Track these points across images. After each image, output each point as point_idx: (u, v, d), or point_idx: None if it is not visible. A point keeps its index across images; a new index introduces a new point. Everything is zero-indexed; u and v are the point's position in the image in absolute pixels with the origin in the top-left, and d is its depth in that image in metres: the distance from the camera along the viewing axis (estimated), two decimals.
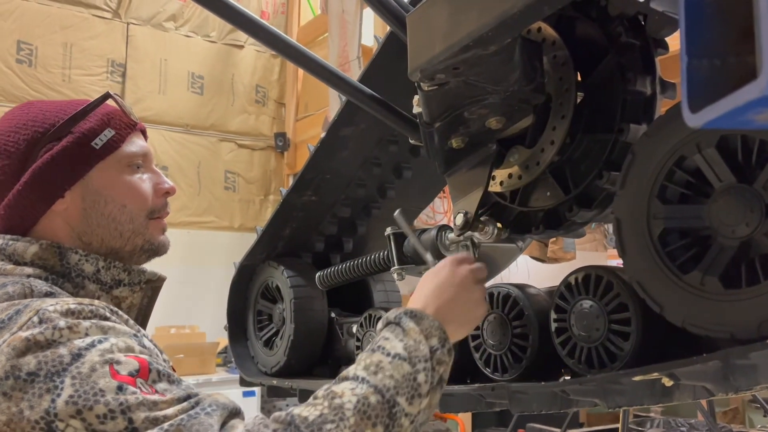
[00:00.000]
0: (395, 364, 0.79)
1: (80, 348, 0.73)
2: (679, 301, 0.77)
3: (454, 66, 0.83)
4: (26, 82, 4.17)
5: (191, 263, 4.50)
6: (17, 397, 0.70)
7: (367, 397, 0.75)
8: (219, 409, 0.74)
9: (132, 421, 0.69)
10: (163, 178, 1.01)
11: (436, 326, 0.85)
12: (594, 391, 0.87)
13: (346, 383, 0.78)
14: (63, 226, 0.92)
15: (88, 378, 0.70)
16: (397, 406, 0.76)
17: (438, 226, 1.20)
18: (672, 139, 0.80)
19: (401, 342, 0.82)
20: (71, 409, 0.69)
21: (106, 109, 0.95)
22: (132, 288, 0.95)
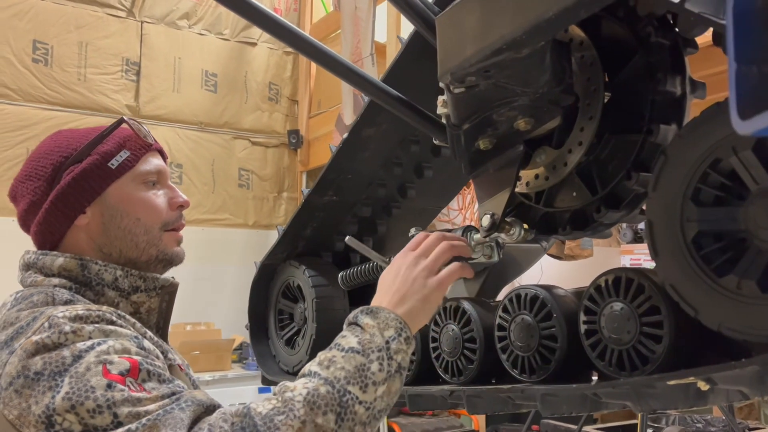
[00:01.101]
0: (348, 356, 0.85)
1: (81, 350, 0.82)
2: (714, 305, 0.76)
3: (485, 69, 0.83)
4: (42, 82, 4.21)
5: (206, 261, 4.53)
6: (26, 395, 0.79)
7: (317, 389, 0.81)
8: (194, 405, 0.81)
9: (117, 416, 0.77)
10: (178, 192, 1.11)
11: (392, 318, 0.91)
12: (627, 395, 0.87)
13: (301, 379, 0.85)
14: (86, 240, 1.02)
15: (82, 377, 0.79)
16: (348, 394, 0.82)
17: (463, 227, 1.20)
18: (707, 141, 0.79)
19: (356, 337, 0.88)
20: (66, 404, 0.77)
21: (123, 133, 1.06)
22: (149, 294, 1.04)
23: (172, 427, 0.77)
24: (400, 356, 0.88)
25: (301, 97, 5.20)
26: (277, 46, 5.16)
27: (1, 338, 0.87)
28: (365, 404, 0.83)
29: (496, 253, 1.21)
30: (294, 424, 0.78)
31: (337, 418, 0.81)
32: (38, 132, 4.16)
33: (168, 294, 1.08)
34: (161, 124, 4.60)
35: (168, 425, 0.77)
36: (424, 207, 1.72)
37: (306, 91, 5.16)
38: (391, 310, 0.92)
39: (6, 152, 4.07)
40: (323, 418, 0.80)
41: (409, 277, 0.97)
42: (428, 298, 0.96)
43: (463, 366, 1.20)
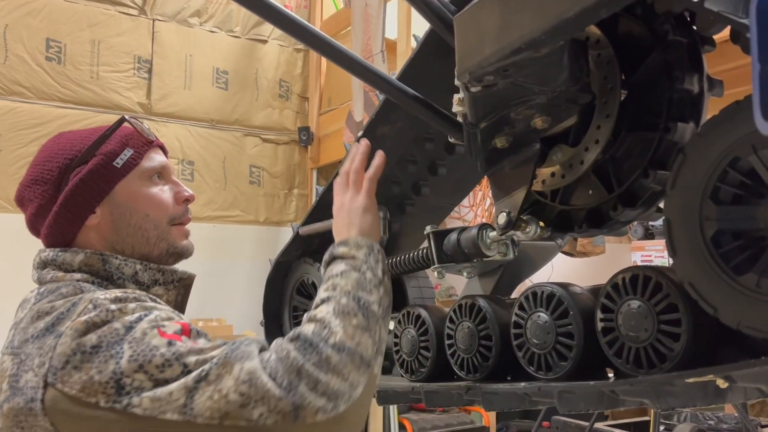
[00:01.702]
0: (345, 276, 0.98)
1: (131, 321, 0.87)
2: (734, 303, 0.76)
3: (504, 68, 0.84)
4: (56, 80, 4.24)
5: (218, 257, 4.55)
6: (86, 368, 0.83)
7: (339, 302, 0.93)
8: (254, 342, 0.89)
9: (186, 365, 0.83)
10: (183, 187, 1.13)
11: (358, 240, 1.04)
12: (645, 392, 0.87)
13: (320, 306, 0.95)
14: (98, 239, 1.05)
15: (141, 341, 0.85)
16: (362, 299, 0.95)
17: (478, 225, 1.20)
18: (726, 139, 0.79)
19: (342, 262, 1.00)
20: (134, 366, 0.82)
21: (124, 132, 1.08)
22: (166, 287, 1.08)
23: (245, 358, 0.84)
24: (380, 266, 1.01)
25: (312, 94, 5.21)
26: (287, 43, 5.17)
27: (40, 326, 0.90)
28: (375, 303, 0.96)
29: (511, 250, 1.22)
30: (338, 330, 0.89)
31: (363, 317, 0.93)
32: (51, 130, 4.19)
33: (184, 287, 1.11)
34: (173, 121, 4.62)
35: (240, 358, 0.84)
36: (437, 204, 1.72)
37: (316, 88, 5.17)
38: (353, 235, 1.05)
39: (20, 150, 4.11)
40: (356, 319, 0.92)
41: (345, 207, 1.10)
42: (366, 209, 1.10)
43: (479, 363, 1.21)
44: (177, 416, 0.80)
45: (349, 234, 1.05)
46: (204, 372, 0.82)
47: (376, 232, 1.08)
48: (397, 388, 1.34)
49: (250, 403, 0.80)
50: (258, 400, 0.81)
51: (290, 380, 0.82)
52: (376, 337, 0.93)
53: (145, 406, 0.81)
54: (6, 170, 4.04)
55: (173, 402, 0.81)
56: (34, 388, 0.85)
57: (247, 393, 0.81)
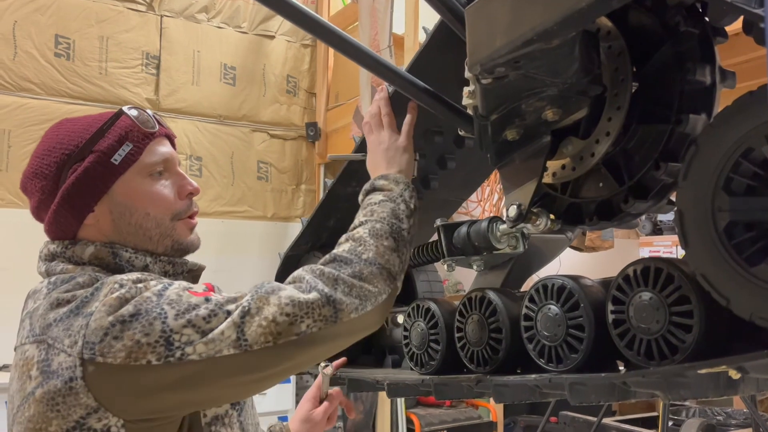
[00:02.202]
0: (381, 204, 1.09)
1: (159, 290, 0.91)
2: (746, 294, 0.76)
3: (515, 60, 0.84)
4: (65, 76, 4.25)
5: (226, 252, 4.57)
6: (128, 335, 0.85)
7: (374, 226, 1.05)
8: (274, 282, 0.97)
9: (229, 312, 0.90)
10: (187, 179, 1.09)
11: (396, 176, 1.15)
12: (657, 384, 0.87)
13: (357, 228, 1.07)
14: (98, 236, 1.02)
15: (180, 300, 0.89)
16: (394, 225, 1.06)
17: (489, 218, 1.20)
18: (739, 130, 0.79)
19: (380, 194, 1.12)
20: (182, 321, 0.87)
21: (123, 124, 1.02)
22: (176, 278, 1.05)
23: (278, 288, 0.94)
24: (413, 201, 1.13)
25: (319, 90, 5.21)
26: (294, 38, 5.17)
27: (62, 311, 0.90)
28: (406, 230, 1.08)
29: (521, 243, 1.22)
30: (371, 249, 1.01)
31: (394, 240, 1.05)
32: None
33: (193, 278, 1.10)
34: (181, 117, 4.64)
35: (274, 291, 0.93)
36: (446, 198, 1.72)
37: (324, 83, 5.17)
38: (392, 173, 1.16)
39: (30, 146, 4.13)
40: (387, 241, 1.04)
41: (384, 145, 1.20)
42: (405, 149, 1.21)
43: (489, 356, 1.21)
44: (233, 350, 0.87)
45: (389, 170, 1.17)
46: (246, 307, 0.90)
47: (410, 171, 1.20)
48: (407, 381, 1.34)
49: (297, 319, 0.90)
50: (303, 314, 0.91)
51: (329, 289, 0.94)
52: (403, 258, 1.06)
53: (200, 350, 0.86)
54: (17, 165, 4.07)
55: (226, 339, 0.87)
56: (71, 367, 0.85)
57: (293, 312, 0.90)
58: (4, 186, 4.03)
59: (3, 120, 4.06)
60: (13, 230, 3.95)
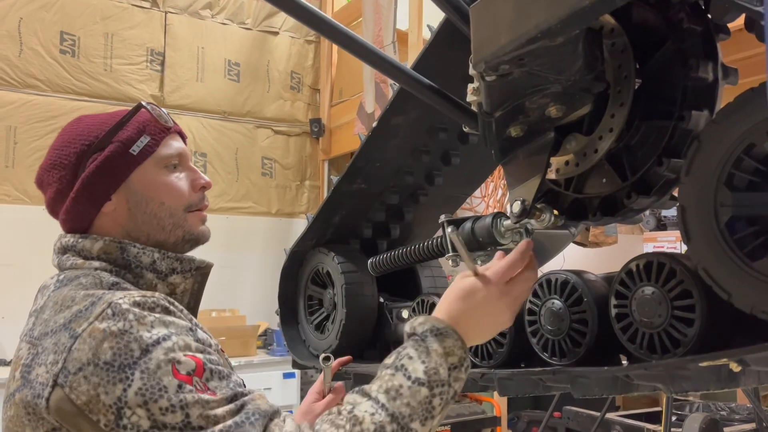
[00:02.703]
0: (414, 390, 0.88)
1: (148, 344, 0.84)
2: (748, 288, 0.77)
3: (520, 57, 0.84)
4: (70, 72, 4.27)
5: (230, 248, 4.59)
6: (95, 383, 0.82)
7: (384, 426, 0.85)
8: (261, 418, 0.85)
9: (188, 416, 0.81)
10: (200, 174, 1.12)
11: (458, 345, 0.92)
12: (659, 376, 0.88)
13: (367, 405, 0.87)
14: (114, 225, 1.04)
15: (154, 374, 0.82)
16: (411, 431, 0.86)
17: (493, 213, 1.21)
18: (741, 126, 0.80)
19: (423, 364, 0.89)
20: (139, 400, 0.81)
21: (141, 118, 1.06)
22: (184, 275, 1.07)
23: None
24: (458, 384, 0.91)
25: (323, 86, 5.22)
26: (298, 35, 5.18)
27: (59, 321, 0.89)
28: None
29: (525, 239, 1.22)
30: None
31: None
32: (66, 122, 4.22)
33: (201, 275, 1.10)
34: (185, 113, 4.65)
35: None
36: (450, 194, 1.74)
37: (327, 79, 5.18)
38: (459, 336, 0.93)
39: (36, 142, 4.15)
40: None
41: (493, 311, 0.97)
42: (496, 331, 1.01)
43: (494, 350, 1.22)
44: None
45: (457, 324, 0.94)
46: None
47: (481, 339, 1.00)
48: None
49: None
50: None
51: None
52: None
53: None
54: (22, 162, 4.09)
55: None
56: (43, 384, 0.85)
57: None
58: (9, 182, 4.05)
59: (9, 117, 4.08)
60: (18, 226, 3.98)
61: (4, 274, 3.89)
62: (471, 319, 0.96)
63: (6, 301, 3.78)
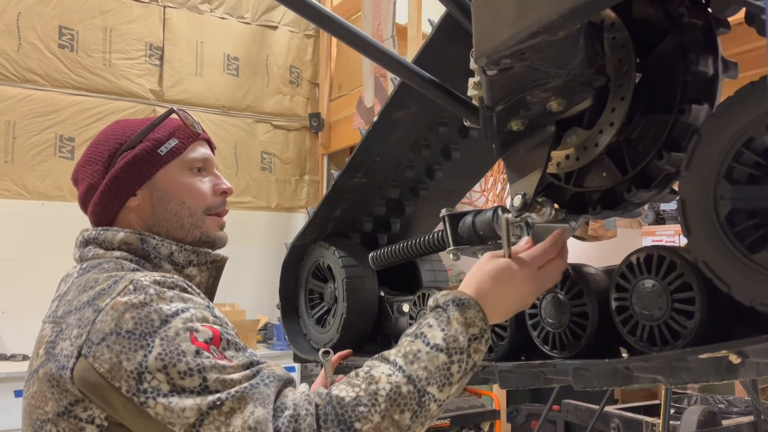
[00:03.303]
0: (432, 355, 0.89)
1: (167, 315, 0.89)
2: (747, 281, 0.78)
3: (521, 51, 0.85)
4: (68, 67, 4.27)
5: (230, 243, 4.54)
6: (117, 351, 0.86)
7: (399, 387, 0.86)
8: (275, 381, 0.89)
9: (205, 380, 0.85)
10: (222, 180, 1.18)
11: (480, 317, 0.94)
12: (659, 368, 0.89)
13: (385, 367, 0.89)
14: (137, 219, 1.11)
15: (173, 341, 0.87)
16: (427, 395, 0.88)
17: (494, 207, 1.22)
18: (741, 119, 0.80)
19: (442, 332, 0.91)
20: (159, 364, 0.85)
21: (173, 123, 1.14)
22: (200, 268, 1.12)
23: (260, 402, 0.85)
24: (477, 356, 0.93)
25: (322, 81, 5.21)
26: (297, 29, 5.17)
27: (83, 299, 0.94)
28: (439, 402, 0.89)
29: (526, 233, 1.23)
30: (374, 418, 0.84)
31: (412, 415, 0.87)
32: (65, 117, 4.23)
33: (216, 269, 1.16)
34: (184, 108, 4.61)
35: (256, 399, 0.85)
36: (451, 189, 1.74)
37: (327, 74, 5.18)
38: (481, 308, 0.94)
39: (35, 137, 4.15)
40: (400, 415, 0.86)
41: (521, 294, 0.99)
42: (521, 308, 1.01)
43: (494, 343, 1.23)
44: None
45: (481, 297, 0.96)
46: (220, 401, 0.84)
47: (501, 318, 1.00)
48: None
49: None
50: None
51: None
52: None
53: (158, 411, 0.84)
54: (22, 157, 4.09)
55: (184, 418, 0.83)
56: (68, 356, 0.89)
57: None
58: (9, 177, 4.05)
59: (8, 111, 4.08)
60: (18, 221, 3.99)
61: (4, 269, 3.90)
62: (499, 297, 0.97)
63: (6, 295, 3.79)
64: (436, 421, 3.93)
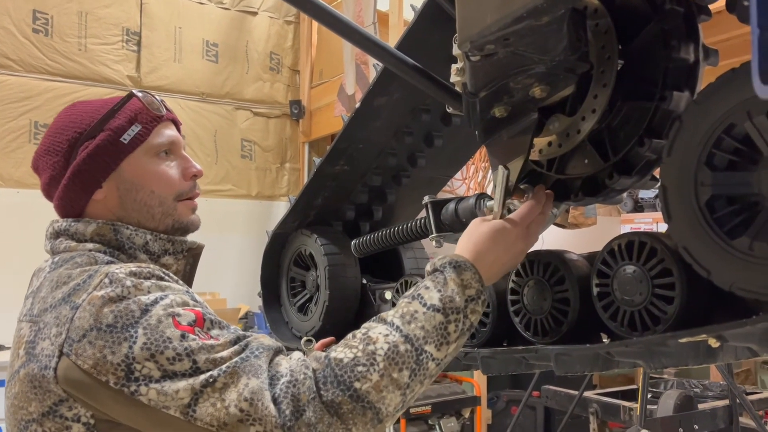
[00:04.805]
0: (429, 315, 0.90)
1: (147, 304, 0.87)
2: (727, 266, 0.79)
3: (505, 37, 0.84)
4: (43, 52, 4.17)
5: (210, 231, 4.52)
6: (100, 346, 0.85)
7: (397, 346, 0.87)
8: (265, 351, 0.89)
9: (196, 362, 0.84)
10: (191, 162, 1.13)
11: (476, 278, 0.95)
12: (639, 353, 0.90)
13: (382, 328, 0.90)
14: (105, 212, 1.06)
15: (156, 328, 0.85)
16: (424, 353, 0.89)
17: (476, 194, 1.22)
18: (721, 106, 0.81)
19: (439, 293, 0.92)
20: (146, 354, 0.84)
21: (134, 106, 1.07)
22: (176, 256, 1.09)
23: (253, 373, 0.85)
24: (474, 317, 0.94)
25: (303, 67, 5.17)
26: (277, 15, 5.11)
27: (58, 296, 0.92)
28: (437, 360, 0.90)
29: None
30: (373, 377, 0.85)
31: (411, 373, 0.87)
32: (40, 103, 4.14)
33: (192, 257, 1.13)
34: (163, 94, 4.57)
35: (248, 372, 0.85)
36: (433, 176, 1.74)
37: (307, 60, 5.13)
38: (477, 270, 0.96)
39: (9, 123, 4.06)
40: (399, 373, 0.86)
41: (515, 252, 1.01)
42: (512, 267, 1.04)
43: (476, 329, 1.23)
44: (179, 414, 0.83)
45: (477, 259, 0.97)
46: (212, 378, 0.84)
47: (495, 278, 1.01)
48: None
49: (248, 419, 0.82)
50: (256, 419, 0.82)
51: (293, 410, 0.83)
52: (408, 397, 0.88)
53: (151, 397, 0.83)
54: None
55: (178, 400, 0.83)
56: (49, 356, 0.87)
57: (247, 410, 0.82)
58: None
59: None
60: None
61: None
62: (495, 258, 0.99)
63: None
64: (417, 408, 3.96)
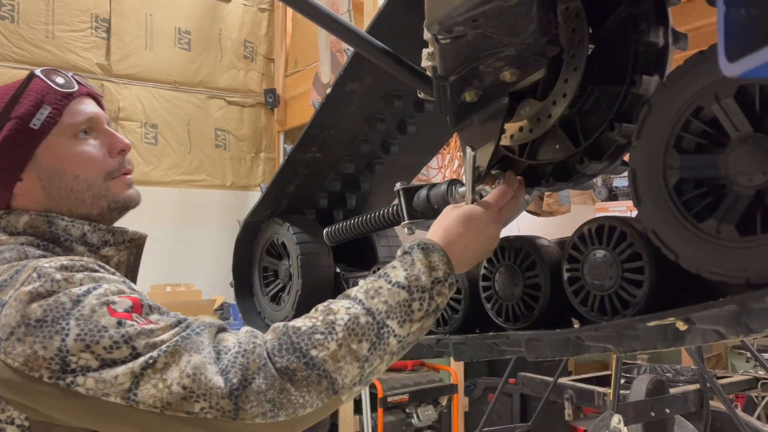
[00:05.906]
0: (393, 291, 0.89)
1: (78, 295, 0.82)
2: (694, 249, 0.79)
3: (474, 18, 0.83)
4: (9, 39, 4.07)
5: (184, 222, 4.49)
6: (29, 342, 0.79)
7: (358, 317, 0.86)
8: (207, 328, 0.85)
9: (135, 348, 0.80)
10: (118, 137, 1.04)
11: (444, 261, 0.93)
12: (608, 337, 0.90)
13: (345, 302, 0.88)
14: (31, 205, 0.99)
15: (90, 318, 0.81)
16: (385, 327, 0.87)
17: (448, 180, 1.21)
18: (690, 89, 0.81)
19: (405, 271, 0.91)
20: (80, 345, 0.79)
21: (38, 87, 0.98)
22: (117, 247, 1.02)
23: (194, 350, 0.81)
24: (440, 299, 0.92)
25: (277, 56, 5.11)
26: (251, 2, 5.04)
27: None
28: (399, 337, 0.88)
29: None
30: (330, 346, 0.83)
31: (370, 346, 0.85)
32: None
33: (136, 247, 1.06)
34: (134, 83, 4.50)
35: (190, 349, 0.81)
36: (407, 163, 1.73)
37: (282, 49, 5.07)
38: (445, 253, 0.94)
39: None
40: (358, 345, 0.84)
41: (487, 236, 1.00)
42: (486, 253, 1.03)
43: (449, 316, 1.23)
44: (120, 400, 0.79)
45: (447, 244, 0.95)
46: (152, 359, 0.80)
47: (468, 265, 0.99)
48: None
49: (192, 396, 0.79)
50: (201, 395, 0.79)
51: (241, 378, 0.80)
52: (366, 371, 0.86)
53: (89, 386, 0.79)
54: None
55: (118, 386, 0.79)
56: None
57: (190, 387, 0.79)
58: None
59: None
60: None
61: None
62: (467, 242, 0.97)
63: None
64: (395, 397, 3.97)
